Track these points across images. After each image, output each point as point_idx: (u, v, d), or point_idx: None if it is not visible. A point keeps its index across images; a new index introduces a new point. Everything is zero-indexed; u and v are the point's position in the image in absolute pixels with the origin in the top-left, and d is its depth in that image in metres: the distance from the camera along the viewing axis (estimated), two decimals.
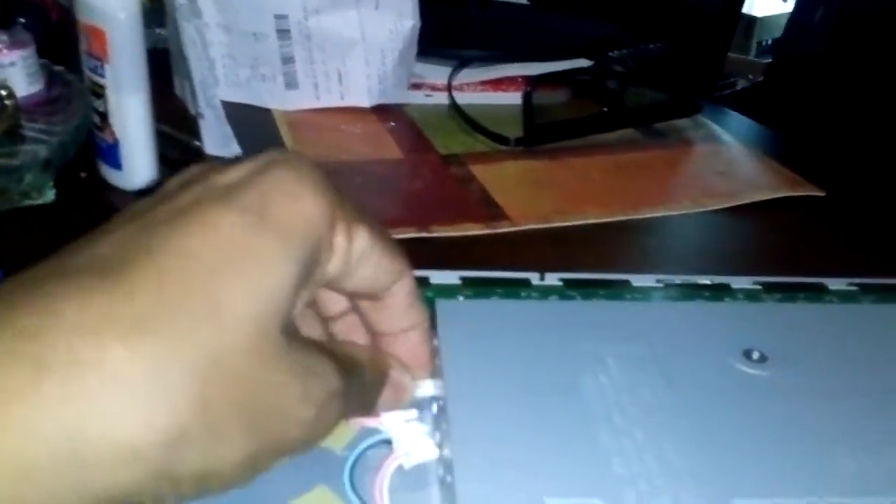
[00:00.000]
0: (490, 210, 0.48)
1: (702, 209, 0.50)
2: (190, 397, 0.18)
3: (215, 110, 0.52)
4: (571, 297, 0.36)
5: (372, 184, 0.53)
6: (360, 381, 0.25)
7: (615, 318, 0.30)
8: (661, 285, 0.38)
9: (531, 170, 0.54)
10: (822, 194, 0.52)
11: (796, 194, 0.52)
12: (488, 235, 0.46)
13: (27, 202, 0.46)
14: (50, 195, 0.47)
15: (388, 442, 0.27)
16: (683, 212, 0.50)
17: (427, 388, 0.29)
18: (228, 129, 0.53)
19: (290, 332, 0.21)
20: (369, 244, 0.24)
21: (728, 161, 0.57)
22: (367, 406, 0.26)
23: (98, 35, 0.45)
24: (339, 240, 0.23)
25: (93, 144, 0.49)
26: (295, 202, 0.21)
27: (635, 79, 0.58)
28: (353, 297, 0.27)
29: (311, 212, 0.21)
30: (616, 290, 0.37)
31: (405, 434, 0.27)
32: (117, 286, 0.18)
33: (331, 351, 0.23)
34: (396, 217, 0.47)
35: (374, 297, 0.26)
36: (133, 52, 0.45)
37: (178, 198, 0.21)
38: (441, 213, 0.48)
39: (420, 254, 0.27)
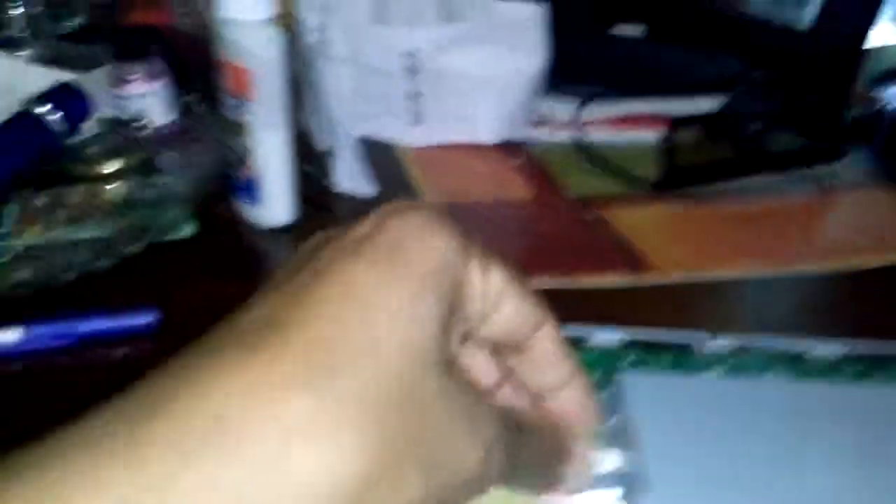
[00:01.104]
0: (631, 258, 0.47)
1: (860, 266, 0.47)
2: (370, 439, 0.18)
3: (349, 147, 0.51)
4: (745, 366, 0.34)
5: (503, 226, 0.51)
6: (531, 443, 0.24)
7: (821, 401, 0.28)
8: (843, 352, 0.35)
9: (669, 215, 0.52)
10: None
11: None
12: (632, 287, 0.44)
13: (169, 237, 0.46)
14: (189, 229, 0.47)
15: None
16: (840, 267, 0.47)
17: (611, 461, 0.28)
18: (359, 167, 0.52)
19: (451, 374, 0.20)
20: (505, 282, 0.23)
21: (879, 210, 0.54)
22: (548, 477, 0.25)
23: (242, 74, 0.45)
24: (475, 276, 0.22)
25: (229, 180, 0.49)
26: (424, 241, 0.21)
27: (777, 121, 0.55)
28: (496, 350, 0.26)
29: (442, 247, 0.21)
30: (792, 362, 0.34)
31: None
32: (278, 342, 0.18)
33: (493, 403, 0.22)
34: (534, 264, 0.45)
35: (516, 347, 0.25)
36: (278, 90, 0.45)
37: (315, 261, 0.21)
38: (580, 260, 0.46)
39: (557, 306, 0.25)
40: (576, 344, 0.35)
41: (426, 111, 0.60)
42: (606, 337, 0.36)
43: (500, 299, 0.23)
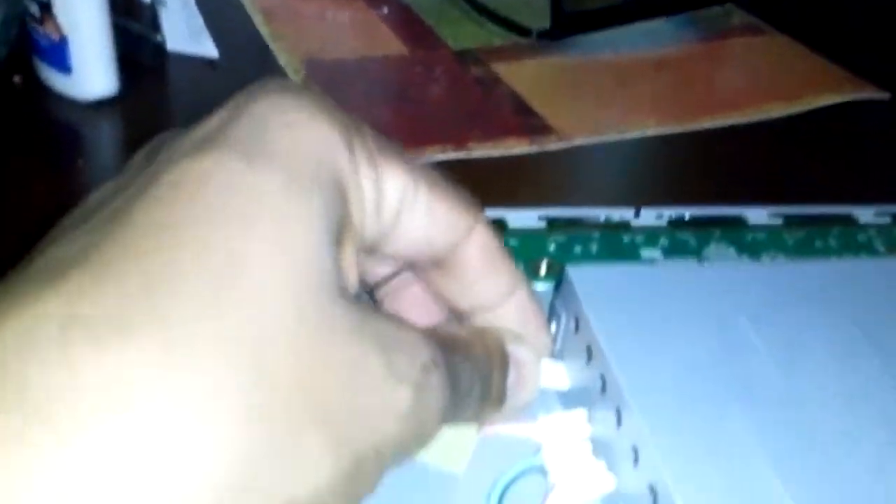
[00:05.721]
0: (531, 121, 0.41)
1: (766, 116, 0.44)
2: (246, 412, 0.13)
3: None
4: (684, 241, 0.30)
5: (379, 89, 0.44)
6: (469, 363, 0.18)
7: (791, 280, 0.24)
8: (779, 221, 0.31)
9: (563, 69, 0.46)
10: (885, 97, 0.46)
11: (860, 98, 0.46)
12: (535, 154, 0.39)
13: None
14: None
15: (540, 470, 0.20)
16: (747, 120, 0.43)
17: (558, 376, 0.23)
18: (197, 20, 0.42)
19: (350, 299, 0.15)
20: (407, 186, 0.17)
21: (777, 57, 0.50)
22: (496, 400, 0.20)
23: None
24: (364, 180, 0.17)
25: (28, 41, 0.38)
26: (295, 129, 0.16)
27: None
28: (410, 266, 0.20)
29: (319, 139, 0.16)
30: (733, 230, 0.30)
31: (566, 457, 0.20)
32: (94, 284, 0.13)
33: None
34: (422, 132, 0.39)
35: (436, 263, 0.19)
36: None
37: (150, 167, 0.15)
38: (475, 126, 0.40)
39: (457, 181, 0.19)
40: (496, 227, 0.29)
41: None
42: (523, 217, 0.30)
43: (402, 210, 0.18)
